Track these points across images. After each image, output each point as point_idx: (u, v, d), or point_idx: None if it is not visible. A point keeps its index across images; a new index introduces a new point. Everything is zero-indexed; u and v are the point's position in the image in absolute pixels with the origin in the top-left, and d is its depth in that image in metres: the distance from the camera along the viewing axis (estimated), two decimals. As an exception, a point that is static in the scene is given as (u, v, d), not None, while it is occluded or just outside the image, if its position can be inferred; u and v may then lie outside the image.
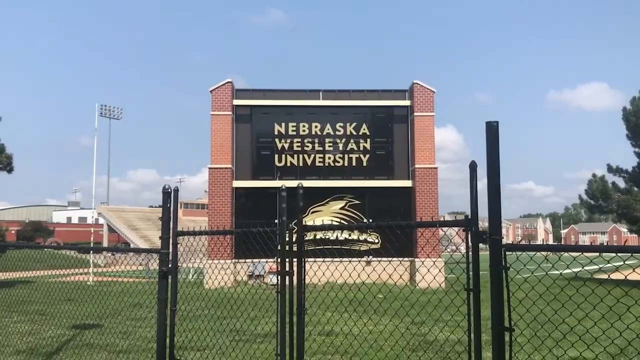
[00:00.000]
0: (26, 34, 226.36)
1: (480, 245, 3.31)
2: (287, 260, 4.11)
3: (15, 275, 9.72)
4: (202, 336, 8.27)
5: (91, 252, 30.62)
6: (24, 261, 10.10)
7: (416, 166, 26.12)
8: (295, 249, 4.14)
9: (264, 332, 9.51)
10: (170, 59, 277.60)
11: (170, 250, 4.79)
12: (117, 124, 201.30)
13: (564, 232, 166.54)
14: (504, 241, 3.17)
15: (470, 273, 3.28)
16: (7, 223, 58.20)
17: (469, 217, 3.30)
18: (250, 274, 24.15)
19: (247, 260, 24.21)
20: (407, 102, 27.24)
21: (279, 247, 4.13)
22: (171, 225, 4.81)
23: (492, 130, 3.25)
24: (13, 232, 68.19)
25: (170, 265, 4.75)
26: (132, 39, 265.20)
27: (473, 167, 3.29)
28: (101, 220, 64.01)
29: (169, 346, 4.70)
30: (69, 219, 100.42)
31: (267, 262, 22.87)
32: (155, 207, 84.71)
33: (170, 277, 4.73)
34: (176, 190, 4.87)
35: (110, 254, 49.22)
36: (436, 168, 26.37)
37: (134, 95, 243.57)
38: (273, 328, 6.00)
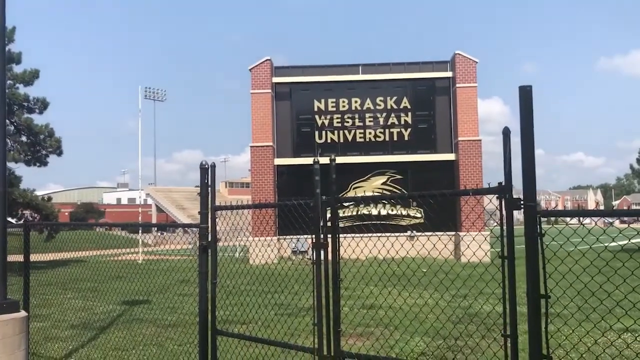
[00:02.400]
0: (73, 18, 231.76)
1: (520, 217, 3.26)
2: (321, 232, 4.14)
3: (69, 255, 10.11)
4: (247, 311, 8.46)
5: (140, 232, 31.52)
6: (76, 242, 10.50)
7: (459, 139, 25.71)
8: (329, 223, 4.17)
9: (307, 306, 9.65)
10: (210, 40, 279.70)
11: (209, 224, 4.89)
12: (161, 105, 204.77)
13: (616, 203, 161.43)
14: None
15: (505, 241, 3.23)
16: (60, 205, 60.38)
17: (503, 184, 3.25)
18: (294, 250, 24.43)
19: (290, 236, 24.48)
20: (448, 74, 26.74)
21: (321, 223, 4.17)
22: (209, 200, 4.90)
23: (525, 94, 3.18)
24: (66, 214, 70.67)
25: (209, 239, 4.85)
26: (172, 22, 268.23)
27: (506, 133, 3.23)
28: (149, 201, 65.70)
29: (210, 318, 4.83)
30: (119, 200, 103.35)
31: (307, 238, 23.05)
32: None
33: (209, 250, 4.83)
34: (213, 166, 4.95)
35: (159, 233, 50.53)
36: (480, 140, 25.90)
37: (177, 77, 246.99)
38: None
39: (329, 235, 4.10)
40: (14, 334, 6.41)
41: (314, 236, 4.16)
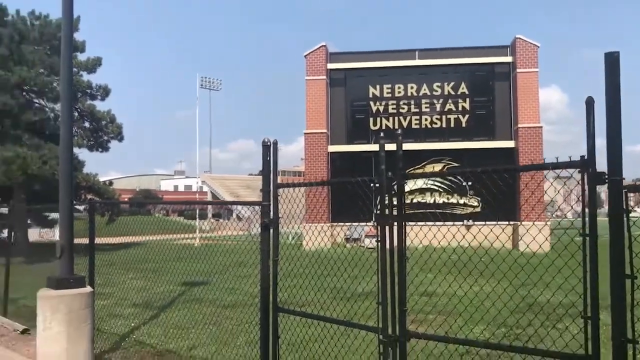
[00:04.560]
0: (133, 10, 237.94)
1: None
2: (386, 209, 4.04)
3: (129, 239, 10.41)
4: (305, 293, 8.45)
5: (197, 217, 32.18)
6: (136, 226, 10.76)
7: (519, 125, 24.96)
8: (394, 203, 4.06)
9: (366, 291, 9.55)
10: (262, 28, 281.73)
11: (271, 202, 4.86)
12: (216, 95, 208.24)
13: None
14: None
15: (587, 218, 3.04)
16: (120, 191, 62.37)
17: (585, 157, 3.05)
18: (348, 237, 24.38)
19: (344, 223, 24.43)
20: (508, 59, 25.94)
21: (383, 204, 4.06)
22: (271, 178, 4.87)
23: (611, 61, 2.97)
24: (126, 199, 72.92)
25: (271, 217, 4.83)
26: (223, 12, 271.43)
27: (590, 102, 3.02)
28: (205, 188, 67.02)
29: (272, 295, 4.81)
30: (176, 187, 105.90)
31: (361, 225, 22.92)
32: (255, 174, 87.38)
33: (271, 228, 4.81)
34: (275, 144, 4.90)
35: (214, 220, 51.52)
36: (541, 127, 25.08)
37: (230, 66, 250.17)
38: (373, 287, 5.99)
39: (395, 213, 3.99)
40: (80, 308, 6.60)
41: (378, 213, 4.05)
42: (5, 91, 18.42)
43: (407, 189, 4.42)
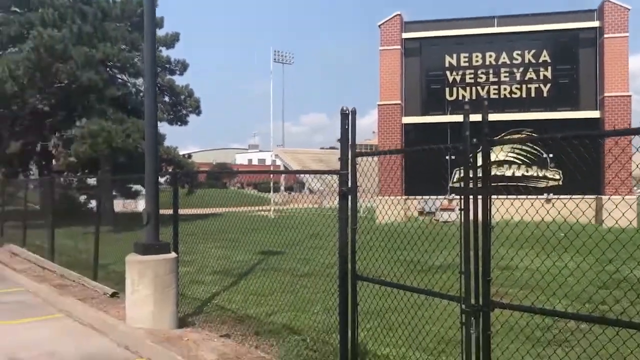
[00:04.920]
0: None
1: None
2: (470, 176, 3.90)
3: (208, 211, 10.72)
4: (380, 265, 8.42)
5: (271, 190, 32.73)
6: (213, 198, 11.07)
7: (605, 95, 23.58)
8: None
9: (443, 265, 9.41)
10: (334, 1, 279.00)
11: (350, 170, 4.82)
12: (289, 69, 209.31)
13: None
14: None
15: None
16: (198, 164, 64.35)
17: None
18: (421, 210, 24.07)
19: (418, 196, 24.13)
20: (595, 24, 24.44)
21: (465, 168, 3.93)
22: (349, 147, 4.82)
23: None
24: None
25: (349, 186, 4.79)
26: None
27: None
28: (278, 162, 67.98)
29: (350, 263, 4.80)
30: (250, 160, 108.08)
31: (436, 199, 22.53)
32: (326, 149, 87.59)
33: (350, 196, 4.78)
34: (354, 112, 4.84)
35: (287, 193, 52.27)
36: (629, 96, 23.58)
37: (301, 39, 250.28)
38: (450, 260, 5.87)
39: (479, 181, 3.85)
40: (165, 273, 6.88)
41: (456, 185, 3.92)
42: (90, 67, 19.28)
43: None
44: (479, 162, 3.91)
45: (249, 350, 5.96)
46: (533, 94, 24.88)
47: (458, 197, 4.07)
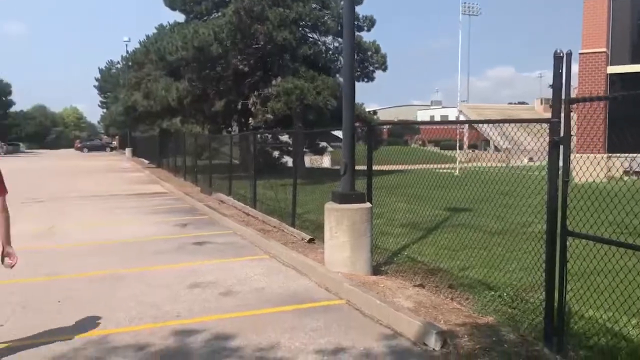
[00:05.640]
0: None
1: None
2: None
3: (391, 167, 10.81)
4: (585, 225, 7.83)
5: (457, 147, 31.92)
6: (395, 155, 11.11)
7: None
8: None
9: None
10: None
11: (562, 119, 4.49)
12: (475, 21, 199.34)
13: None
14: None
15: None
16: (381, 122, 64.97)
17: None
18: (627, 169, 21.72)
19: (622, 154, 21.80)
20: None
21: None
22: (563, 93, 4.48)
23: None
24: (384, 130, 75.74)
25: (562, 135, 4.47)
26: None
27: None
28: (462, 118, 65.97)
29: (560, 218, 4.52)
30: (432, 117, 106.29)
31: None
32: (514, 103, 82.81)
33: (562, 146, 4.46)
34: (569, 55, 4.45)
35: (470, 150, 50.71)
36: None
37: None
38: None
39: None
40: (361, 221, 7.11)
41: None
42: (285, 27, 20.26)
43: None
44: None
45: (444, 301, 5.97)
46: None
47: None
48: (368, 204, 7.36)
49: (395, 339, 5.14)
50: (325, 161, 41.92)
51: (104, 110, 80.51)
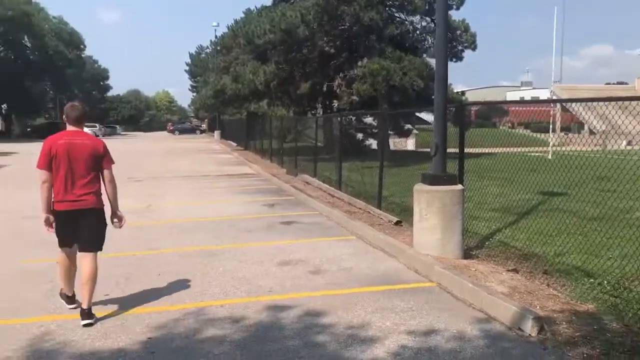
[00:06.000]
0: None
1: None
2: None
3: (479, 150, 10.51)
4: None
5: (550, 130, 30.48)
6: (482, 138, 10.80)
7: None
8: None
9: None
10: None
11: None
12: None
13: None
14: None
15: None
16: (470, 103, 63.02)
17: None
18: None
19: None
20: None
21: None
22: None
23: None
24: (472, 111, 73.62)
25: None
26: None
27: None
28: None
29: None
30: (522, 98, 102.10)
31: None
32: (612, 84, 78.03)
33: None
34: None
35: (563, 134, 48.42)
36: None
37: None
38: None
39: None
40: (452, 203, 7.00)
41: None
42: (371, 7, 20.07)
43: None
44: None
45: (539, 287, 5.78)
46: None
47: None
48: (460, 186, 7.22)
49: (489, 323, 5.04)
50: (409, 144, 41.41)
51: (194, 94, 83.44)
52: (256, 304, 5.65)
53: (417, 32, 23.52)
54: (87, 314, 5.18)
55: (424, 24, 23.34)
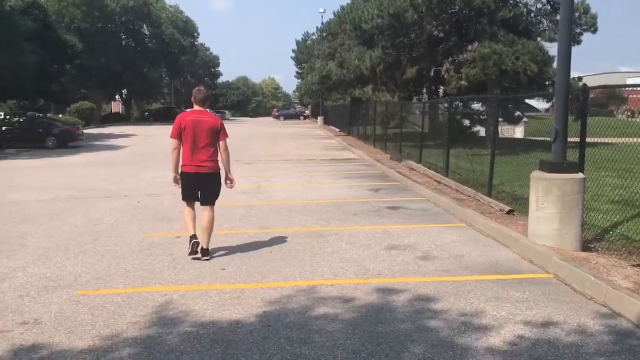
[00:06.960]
0: None
1: None
2: None
3: (594, 139, 9.85)
4: None
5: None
6: (597, 128, 10.12)
7: None
8: None
9: None
10: None
11: None
12: None
13: None
14: None
15: None
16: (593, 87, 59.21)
17: None
18: None
19: None
20: None
21: None
22: None
23: None
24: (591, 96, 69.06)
25: None
26: None
27: None
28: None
29: None
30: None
31: None
32: None
33: None
34: None
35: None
36: None
37: None
38: None
39: None
40: (572, 192, 6.67)
41: None
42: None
43: None
44: None
45: (670, 285, 5.37)
46: None
47: None
48: (581, 175, 6.85)
49: (614, 318, 4.76)
50: (517, 132, 39.72)
51: (299, 80, 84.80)
52: (365, 286, 5.70)
53: (532, 14, 22.33)
54: (206, 252, 6.66)
55: (539, 5, 22.11)
